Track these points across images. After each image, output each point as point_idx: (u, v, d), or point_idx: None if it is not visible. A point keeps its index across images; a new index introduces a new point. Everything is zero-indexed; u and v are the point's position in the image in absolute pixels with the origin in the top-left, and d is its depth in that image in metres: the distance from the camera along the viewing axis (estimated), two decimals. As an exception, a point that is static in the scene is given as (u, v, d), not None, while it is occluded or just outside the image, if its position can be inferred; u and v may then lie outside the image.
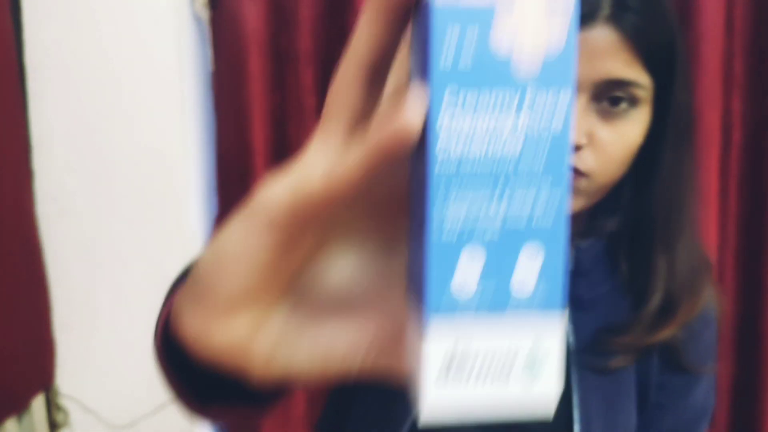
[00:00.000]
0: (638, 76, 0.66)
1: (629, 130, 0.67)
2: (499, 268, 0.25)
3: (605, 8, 0.64)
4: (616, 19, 0.64)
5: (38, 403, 1.23)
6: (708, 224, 1.17)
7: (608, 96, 0.66)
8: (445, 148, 0.24)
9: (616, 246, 0.75)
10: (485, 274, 0.25)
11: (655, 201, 0.72)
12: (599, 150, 0.67)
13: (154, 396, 1.26)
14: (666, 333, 0.70)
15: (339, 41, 1.20)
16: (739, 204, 1.21)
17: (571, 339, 0.72)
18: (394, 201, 0.28)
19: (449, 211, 0.24)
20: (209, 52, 1.22)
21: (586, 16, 0.65)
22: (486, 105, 0.24)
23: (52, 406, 1.26)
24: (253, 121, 1.20)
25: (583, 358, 0.72)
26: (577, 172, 0.66)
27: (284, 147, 1.23)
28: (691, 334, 0.73)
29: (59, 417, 1.27)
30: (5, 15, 1.10)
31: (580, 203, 0.68)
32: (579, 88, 0.66)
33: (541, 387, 0.26)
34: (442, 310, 0.25)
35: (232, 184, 1.24)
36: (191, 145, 1.27)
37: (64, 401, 1.27)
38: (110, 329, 1.26)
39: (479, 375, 0.26)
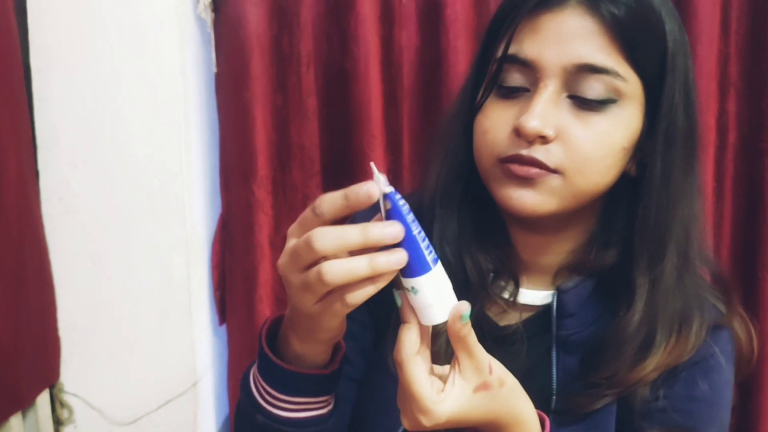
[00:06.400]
0: (616, 65, 0.58)
1: (607, 128, 0.59)
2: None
3: None
4: (591, 3, 0.58)
5: (43, 400, 1.23)
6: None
7: (583, 87, 0.58)
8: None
9: (606, 282, 0.66)
10: None
11: (637, 219, 0.63)
12: (570, 146, 0.59)
13: (158, 393, 1.27)
14: (648, 369, 0.62)
15: (340, 43, 1.21)
16: (735, 205, 1.21)
17: (554, 381, 0.65)
18: None
19: None
20: (212, 54, 1.24)
21: None
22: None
23: (56, 403, 1.27)
24: (255, 122, 1.21)
25: (565, 401, 0.64)
26: (545, 168, 0.59)
27: (286, 148, 1.24)
28: (680, 383, 0.65)
29: (64, 414, 1.28)
30: (10, 17, 1.12)
31: (550, 204, 0.61)
32: (548, 73, 0.59)
33: None
34: None
35: (235, 185, 1.25)
36: (195, 146, 1.28)
37: (68, 398, 1.28)
38: (115, 327, 1.27)
39: None
